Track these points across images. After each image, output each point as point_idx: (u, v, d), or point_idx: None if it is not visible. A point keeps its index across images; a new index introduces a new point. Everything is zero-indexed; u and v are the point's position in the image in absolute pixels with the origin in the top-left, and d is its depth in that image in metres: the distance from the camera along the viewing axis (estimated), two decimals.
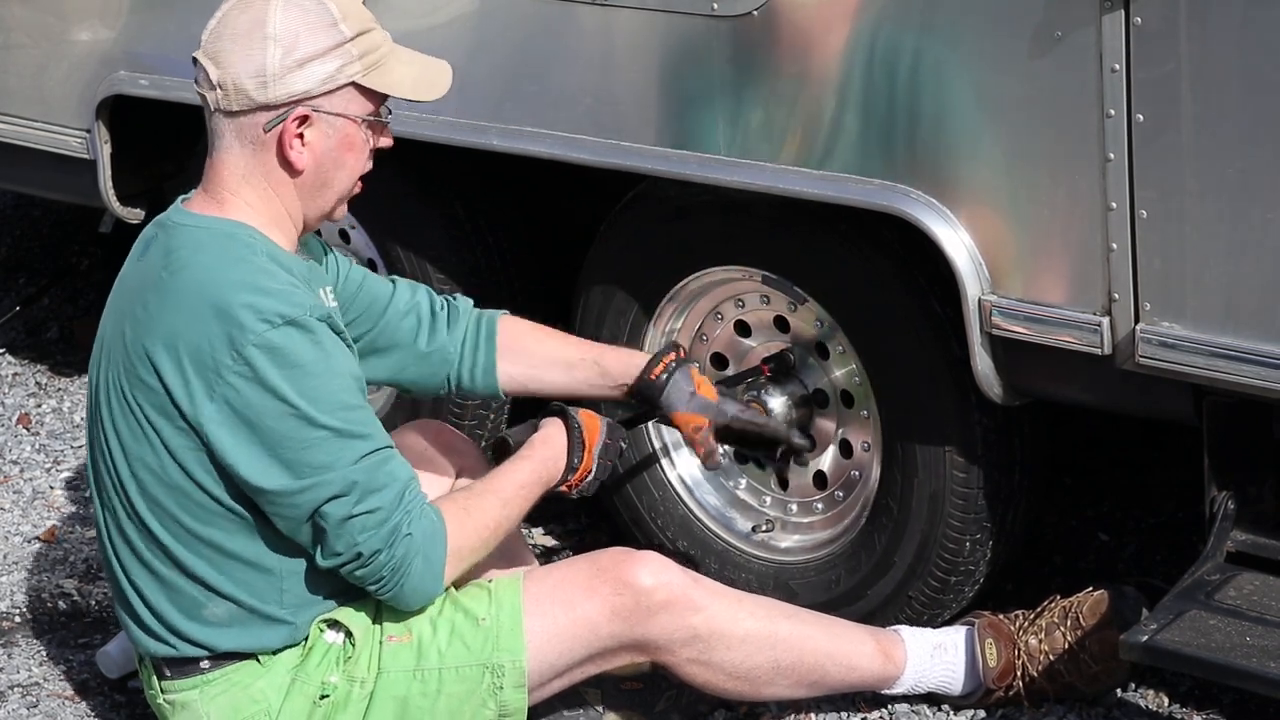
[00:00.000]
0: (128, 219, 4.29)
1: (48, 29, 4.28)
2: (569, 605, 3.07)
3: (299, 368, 2.86)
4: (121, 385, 2.96)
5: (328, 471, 2.88)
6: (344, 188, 3.03)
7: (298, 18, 2.91)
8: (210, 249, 2.93)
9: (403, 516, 2.92)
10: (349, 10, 2.95)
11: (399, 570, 2.93)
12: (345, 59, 2.93)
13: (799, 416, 3.58)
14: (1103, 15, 2.87)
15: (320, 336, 2.90)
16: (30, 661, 3.74)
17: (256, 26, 2.91)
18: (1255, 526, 3.16)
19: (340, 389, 2.90)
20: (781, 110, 3.25)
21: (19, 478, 4.50)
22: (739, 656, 3.16)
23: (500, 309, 3.42)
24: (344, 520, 2.89)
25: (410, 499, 2.94)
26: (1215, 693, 3.39)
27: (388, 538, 2.91)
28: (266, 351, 2.85)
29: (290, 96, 2.92)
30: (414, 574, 2.95)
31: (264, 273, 2.91)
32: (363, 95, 2.97)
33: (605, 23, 3.43)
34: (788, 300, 3.53)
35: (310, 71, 2.91)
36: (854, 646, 3.27)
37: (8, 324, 5.29)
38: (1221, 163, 2.86)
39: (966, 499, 3.36)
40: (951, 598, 3.46)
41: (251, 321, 2.84)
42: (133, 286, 3.01)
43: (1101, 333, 3.03)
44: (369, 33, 2.97)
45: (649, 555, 3.15)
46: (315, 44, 2.91)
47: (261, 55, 2.90)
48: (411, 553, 2.93)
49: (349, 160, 3.00)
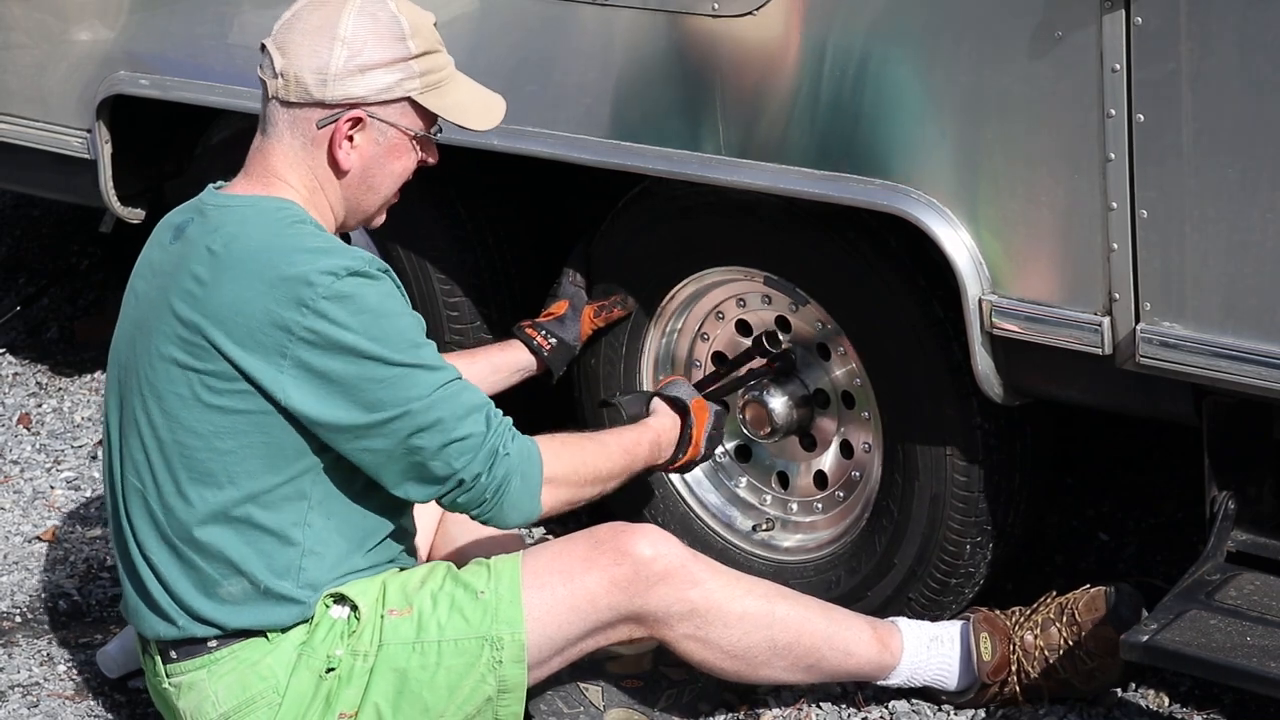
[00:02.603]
0: (128, 219, 4.29)
1: (48, 29, 4.28)
2: (568, 577, 3.09)
3: (368, 312, 2.92)
4: (171, 359, 2.98)
5: (412, 403, 2.94)
6: (386, 194, 3.11)
7: (369, 25, 2.98)
8: (258, 221, 2.99)
9: (496, 438, 2.99)
10: (420, 28, 3.03)
11: (500, 490, 3.00)
12: (406, 74, 3.01)
13: (800, 417, 3.58)
14: (1103, 15, 2.87)
15: (384, 283, 2.98)
16: (30, 661, 3.74)
17: (329, 25, 2.98)
18: (1255, 526, 3.16)
19: (408, 328, 2.97)
20: (782, 110, 3.25)
21: (19, 478, 4.50)
22: (736, 634, 3.17)
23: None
24: (440, 449, 2.96)
25: (497, 422, 3.01)
26: (1215, 693, 3.39)
27: (486, 460, 2.98)
28: (336, 301, 2.90)
29: (347, 99, 2.99)
30: (513, 491, 3.01)
31: (317, 236, 2.99)
32: (416, 111, 3.05)
33: (605, 23, 3.43)
34: (789, 301, 3.53)
35: (370, 78, 2.99)
36: (851, 633, 3.28)
37: (8, 324, 5.29)
38: (1221, 163, 2.86)
39: (967, 501, 3.36)
40: (951, 599, 3.46)
41: (318, 277, 2.90)
42: (172, 267, 3.02)
43: (1102, 333, 3.03)
44: (434, 54, 3.05)
45: (648, 527, 3.18)
46: (381, 53, 2.99)
47: (327, 54, 2.97)
48: (511, 472, 3.00)
49: (395, 169, 3.08)
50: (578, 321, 3.69)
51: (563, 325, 3.68)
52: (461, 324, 3.93)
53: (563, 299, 3.71)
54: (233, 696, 3.04)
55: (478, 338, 3.94)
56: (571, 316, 3.69)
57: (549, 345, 3.66)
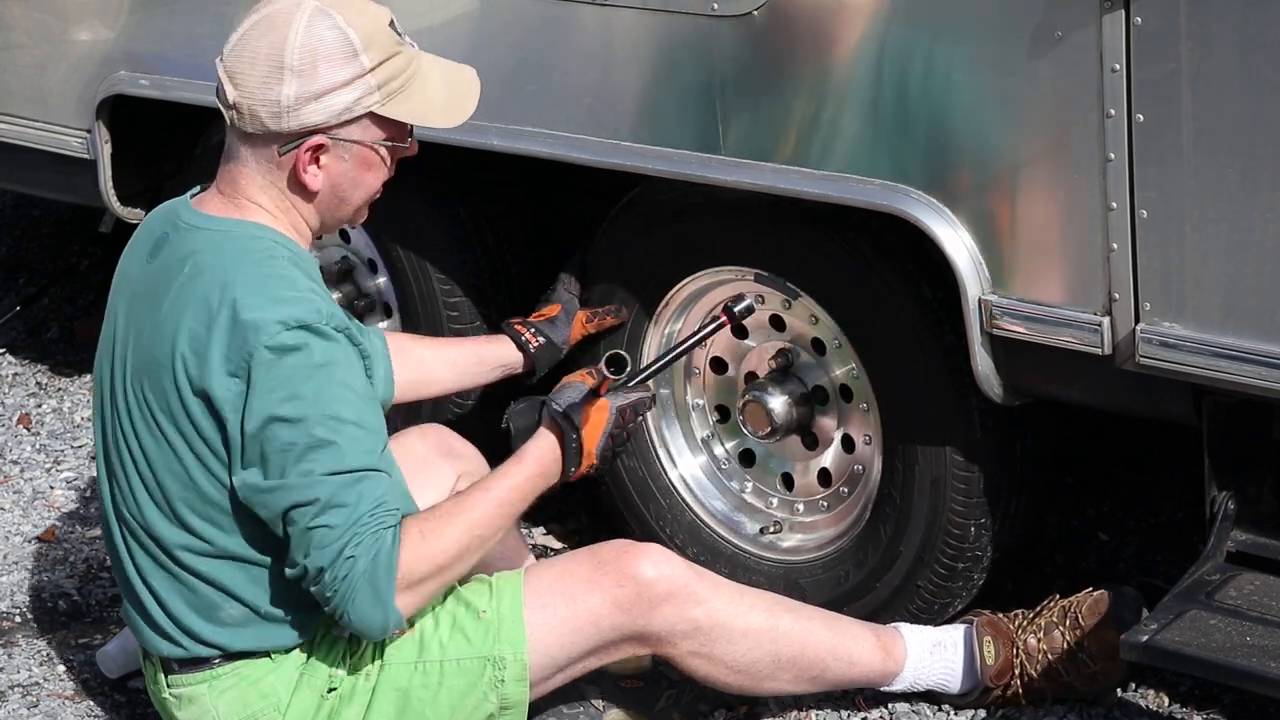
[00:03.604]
0: (128, 219, 4.29)
1: (48, 29, 4.28)
2: (570, 597, 3.08)
3: (300, 369, 2.85)
4: (143, 392, 2.95)
5: (300, 477, 2.84)
6: (361, 201, 3.03)
7: (318, 48, 2.88)
8: (231, 252, 2.92)
9: (351, 538, 2.83)
10: (373, 37, 2.91)
11: (345, 595, 2.85)
12: (364, 90, 2.91)
13: (800, 415, 3.58)
14: (1103, 15, 2.87)
15: (333, 346, 2.88)
16: (30, 661, 3.74)
17: (275, 53, 2.88)
18: (1255, 526, 3.16)
19: (336, 399, 2.86)
20: (782, 110, 3.25)
21: (19, 478, 4.50)
22: (740, 650, 3.17)
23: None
24: (303, 531, 2.86)
25: (369, 523, 2.85)
26: (1215, 693, 3.39)
27: (332, 558, 2.84)
28: (275, 352, 2.83)
29: (304, 127, 2.90)
30: (360, 602, 2.86)
31: (284, 280, 2.90)
32: (380, 122, 2.95)
33: (605, 23, 3.43)
34: (783, 298, 3.53)
35: (327, 103, 2.89)
36: (855, 642, 3.27)
37: (8, 324, 5.29)
38: (1221, 163, 2.86)
39: (968, 483, 3.37)
40: (960, 585, 3.46)
41: (267, 324, 2.84)
42: (147, 289, 2.99)
43: (1102, 333, 3.03)
44: (392, 59, 2.93)
45: (651, 547, 3.15)
46: (333, 76, 2.89)
47: (279, 86, 2.88)
48: (355, 578, 2.84)
49: (366, 179, 3.00)
50: (569, 325, 3.64)
51: (553, 326, 3.63)
52: (461, 324, 3.93)
53: (555, 302, 3.68)
54: (234, 713, 3.03)
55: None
56: (563, 319, 3.65)
57: (537, 343, 3.60)
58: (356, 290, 4.12)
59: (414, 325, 3.96)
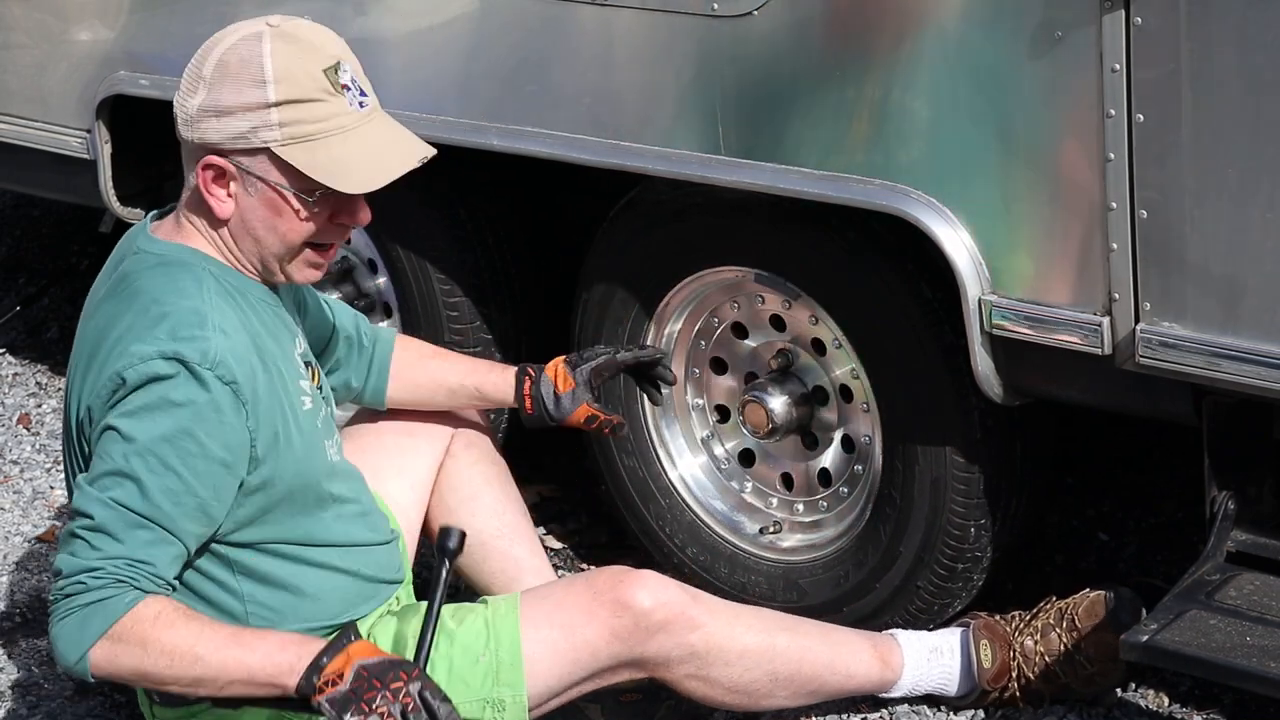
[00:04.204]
0: (128, 219, 4.29)
1: (48, 29, 4.28)
2: (568, 630, 3.05)
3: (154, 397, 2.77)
4: (72, 413, 2.92)
5: (94, 488, 2.77)
6: (278, 250, 2.89)
7: (229, 66, 2.80)
8: (157, 283, 2.86)
9: (100, 568, 2.73)
10: (293, 74, 2.79)
11: (60, 611, 2.75)
12: (261, 122, 2.79)
13: (800, 415, 3.58)
14: (1103, 15, 2.87)
15: (199, 391, 2.78)
16: (30, 661, 3.74)
17: (199, 62, 2.84)
18: (1255, 526, 3.16)
19: (170, 442, 2.76)
20: (782, 110, 3.25)
21: (19, 478, 4.50)
22: (737, 671, 3.16)
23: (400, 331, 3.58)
24: (69, 533, 2.78)
25: (123, 571, 2.73)
26: (1215, 693, 3.39)
27: (72, 571, 2.74)
28: (142, 376, 2.77)
29: (204, 143, 2.82)
30: (66, 626, 2.74)
31: (192, 315, 2.82)
32: (285, 167, 2.81)
33: (605, 23, 3.43)
34: (783, 299, 3.53)
35: (224, 124, 2.80)
36: (852, 655, 3.27)
37: (8, 324, 5.29)
38: (1221, 163, 2.85)
39: (968, 484, 3.37)
40: (960, 585, 3.46)
41: (148, 352, 2.78)
42: (93, 306, 2.97)
43: (1101, 333, 3.03)
44: (308, 103, 2.80)
45: (646, 576, 3.12)
46: (233, 98, 2.80)
47: (191, 94, 2.83)
48: (75, 604, 2.73)
49: (278, 225, 2.86)
50: (574, 407, 3.40)
51: (558, 400, 3.39)
52: (461, 324, 3.93)
53: (577, 380, 3.41)
54: None
55: (477, 337, 3.95)
56: (569, 399, 3.40)
57: (530, 408, 3.39)
58: (356, 290, 4.12)
59: (414, 325, 3.96)
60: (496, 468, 3.50)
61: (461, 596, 3.84)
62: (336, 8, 3.76)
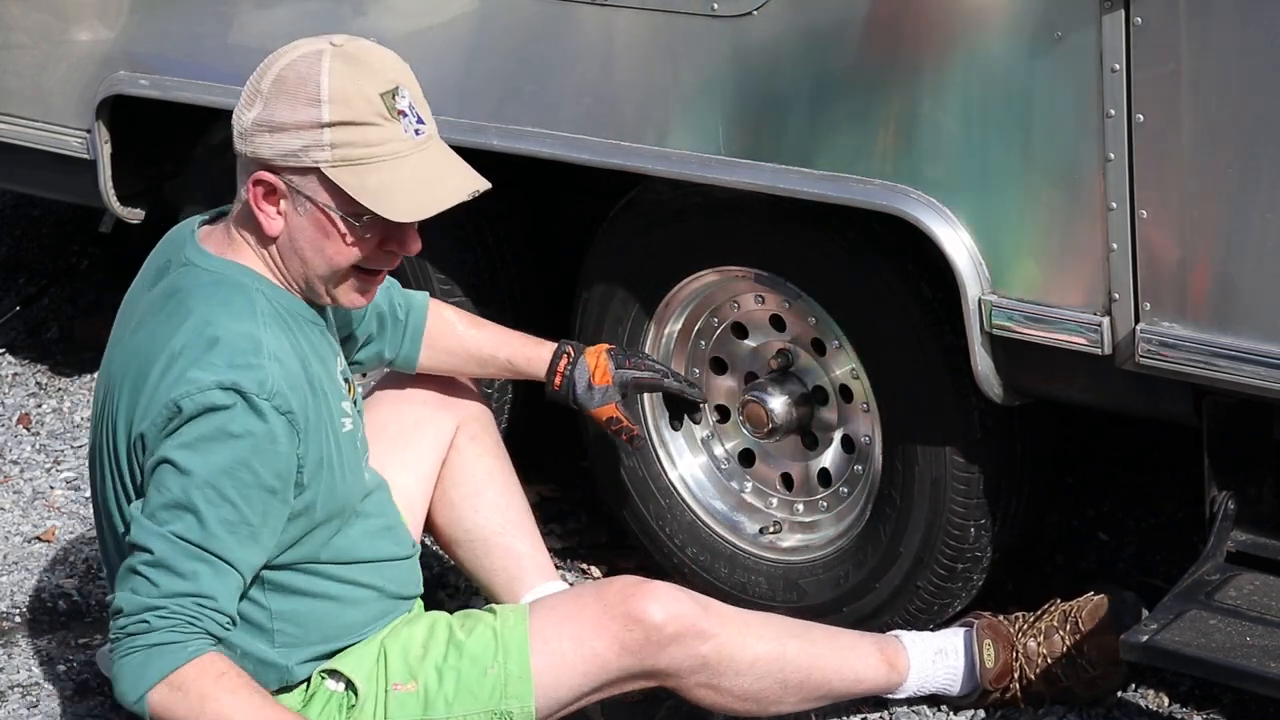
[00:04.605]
0: (128, 219, 4.29)
1: (48, 29, 4.28)
2: (577, 642, 3.04)
3: (212, 428, 2.76)
4: (114, 424, 2.90)
5: (153, 523, 2.77)
6: (324, 273, 2.88)
7: (288, 81, 2.78)
8: (212, 302, 2.84)
9: (163, 607, 2.74)
10: (349, 97, 2.77)
11: (124, 648, 2.76)
12: (311, 141, 2.77)
13: (800, 415, 3.58)
14: (1103, 15, 2.87)
15: (257, 422, 2.78)
16: (30, 661, 3.74)
17: (259, 76, 2.82)
18: (1255, 526, 3.16)
19: (229, 475, 2.77)
20: (782, 110, 3.25)
21: (19, 478, 4.50)
22: (748, 680, 3.16)
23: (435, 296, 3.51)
24: (129, 569, 2.78)
25: (191, 610, 2.75)
26: (1215, 693, 3.39)
27: (135, 611, 2.75)
28: (199, 406, 2.76)
29: (256, 157, 2.81)
30: (129, 664, 2.75)
31: (248, 341, 2.81)
32: (335, 189, 2.80)
33: (605, 23, 3.43)
34: (782, 299, 3.53)
35: (277, 140, 2.79)
36: (860, 660, 3.27)
37: (8, 324, 5.29)
38: (1221, 163, 2.86)
39: (968, 484, 3.37)
40: (960, 585, 3.46)
41: (205, 380, 2.77)
42: (138, 318, 2.94)
43: (1101, 333, 3.03)
44: (362, 126, 2.78)
45: (658, 588, 3.10)
46: (287, 114, 2.78)
47: (248, 107, 2.81)
48: (139, 644, 2.75)
49: (325, 247, 2.85)
50: (602, 402, 3.43)
51: (590, 389, 3.42)
52: None
53: (614, 380, 3.43)
54: None
55: None
56: (601, 394, 3.42)
57: (559, 385, 3.41)
58: None
59: None
60: (501, 462, 3.49)
61: (463, 593, 3.85)
62: (336, 7, 3.77)
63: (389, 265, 2.94)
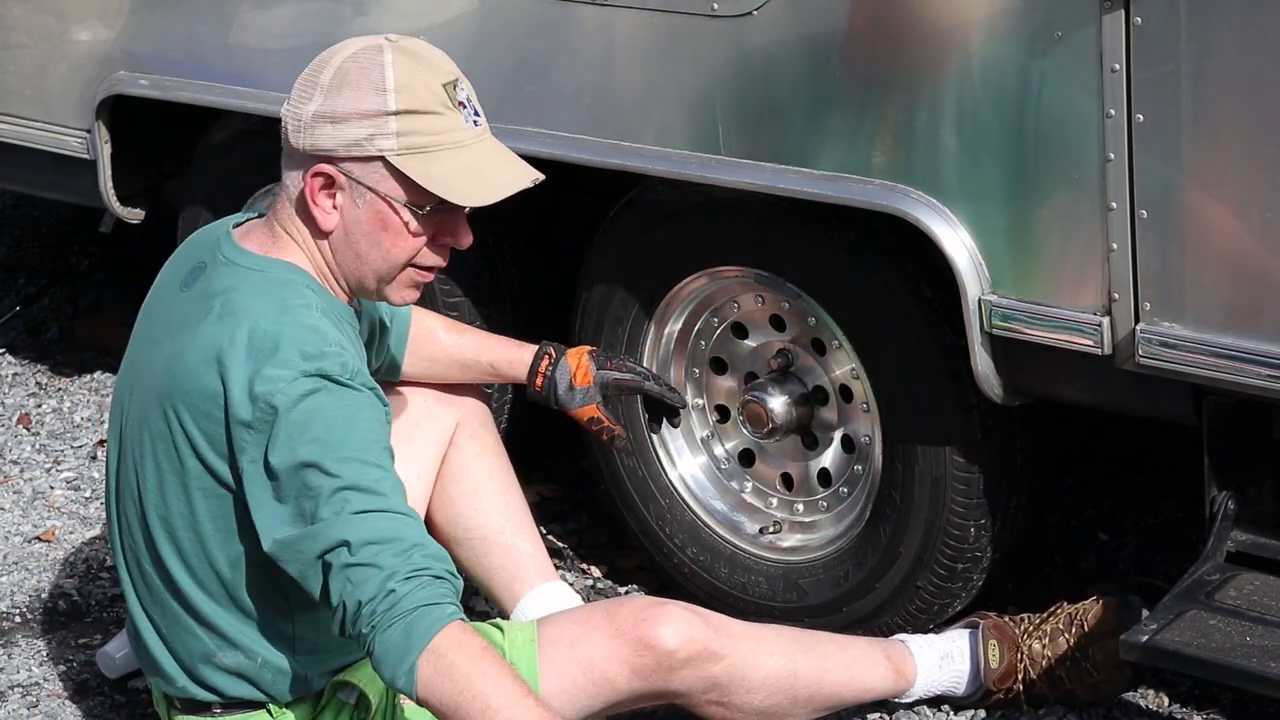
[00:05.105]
0: (128, 219, 4.29)
1: (48, 29, 4.28)
2: (588, 666, 3.01)
3: (320, 414, 2.73)
4: (155, 426, 2.86)
5: (333, 516, 2.70)
6: (380, 268, 2.86)
7: (350, 72, 2.76)
8: (264, 298, 2.81)
9: (395, 569, 2.65)
10: (412, 86, 2.76)
11: (374, 632, 2.67)
12: (377, 130, 2.76)
13: (799, 415, 3.58)
14: (1103, 15, 2.87)
15: (357, 395, 2.76)
16: (30, 661, 3.74)
17: (316, 70, 2.80)
18: (1255, 526, 3.16)
19: (359, 443, 2.73)
20: (781, 110, 3.25)
21: (19, 478, 4.50)
22: (759, 697, 3.14)
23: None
24: (341, 569, 2.68)
25: (419, 559, 2.67)
26: (1215, 693, 3.39)
27: (377, 588, 2.65)
28: (296, 400, 2.72)
29: (316, 149, 2.78)
30: (390, 637, 2.65)
31: (313, 332, 2.79)
32: (400, 177, 2.79)
33: (605, 23, 3.43)
34: (782, 299, 3.53)
35: (342, 131, 2.76)
36: (868, 670, 3.27)
37: (8, 324, 5.29)
38: (1221, 163, 2.86)
39: (968, 484, 3.37)
40: (960, 585, 3.46)
41: (290, 374, 2.73)
42: (175, 320, 2.90)
43: (1101, 333, 3.03)
44: (428, 115, 2.77)
45: (670, 611, 3.06)
46: (352, 104, 2.76)
47: (307, 100, 2.78)
48: (397, 610, 2.65)
49: (383, 241, 2.83)
50: (584, 403, 3.43)
51: (571, 390, 3.42)
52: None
53: (596, 381, 3.44)
54: None
55: None
56: (582, 395, 3.42)
57: (539, 385, 3.41)
58: None
59: None
60: (500, 460, 3.49)
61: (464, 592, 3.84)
62: (336, 8, 3.77)
63: (441, 261, 2.92)
